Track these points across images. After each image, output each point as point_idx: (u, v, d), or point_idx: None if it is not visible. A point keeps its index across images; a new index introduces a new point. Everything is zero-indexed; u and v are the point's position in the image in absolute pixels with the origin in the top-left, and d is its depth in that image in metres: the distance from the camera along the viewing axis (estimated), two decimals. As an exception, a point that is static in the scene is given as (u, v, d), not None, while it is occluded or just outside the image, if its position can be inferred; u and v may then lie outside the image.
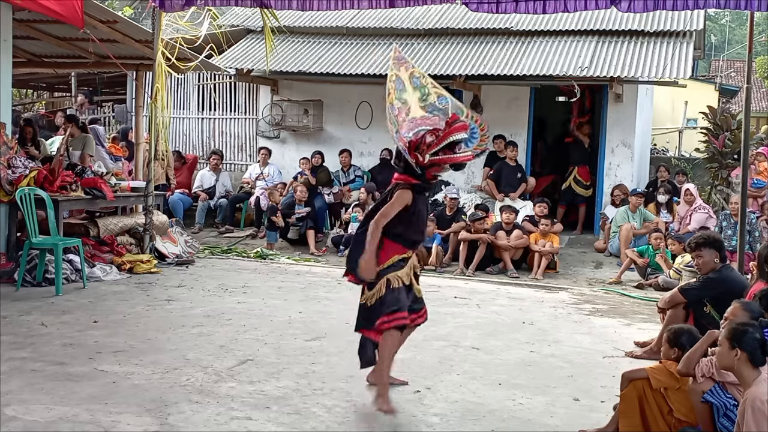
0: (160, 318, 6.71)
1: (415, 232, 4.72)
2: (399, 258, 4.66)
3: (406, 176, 4.65)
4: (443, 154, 4.58)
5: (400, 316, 4.60)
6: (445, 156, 4.59)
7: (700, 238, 5.88)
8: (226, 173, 13.52)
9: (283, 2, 7.02)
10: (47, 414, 4.31)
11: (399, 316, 4.59)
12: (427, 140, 4.54)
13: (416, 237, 4.75)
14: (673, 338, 4.33)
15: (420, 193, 4.70)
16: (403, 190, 4.62)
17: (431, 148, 4.54)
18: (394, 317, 4.58)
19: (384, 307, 4.58)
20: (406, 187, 4.63)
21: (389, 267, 4.62)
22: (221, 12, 14.11)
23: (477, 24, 12.28)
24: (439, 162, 4.59)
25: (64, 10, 7.51)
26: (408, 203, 4.60)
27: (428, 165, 4.56)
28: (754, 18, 7.34)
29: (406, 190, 4.62)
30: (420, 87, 4.83)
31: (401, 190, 4.63)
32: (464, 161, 4.76)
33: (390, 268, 4.62)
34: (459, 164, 4.74)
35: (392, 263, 4.64)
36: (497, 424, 4.48)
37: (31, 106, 19.36)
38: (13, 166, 8.33)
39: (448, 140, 4.55)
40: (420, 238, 4.83)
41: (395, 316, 4.58)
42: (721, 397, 3.92)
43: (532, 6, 6.45)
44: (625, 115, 11.97)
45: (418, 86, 4.83)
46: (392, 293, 4.59)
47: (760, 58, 30.88)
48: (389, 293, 4.59)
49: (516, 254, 10.20)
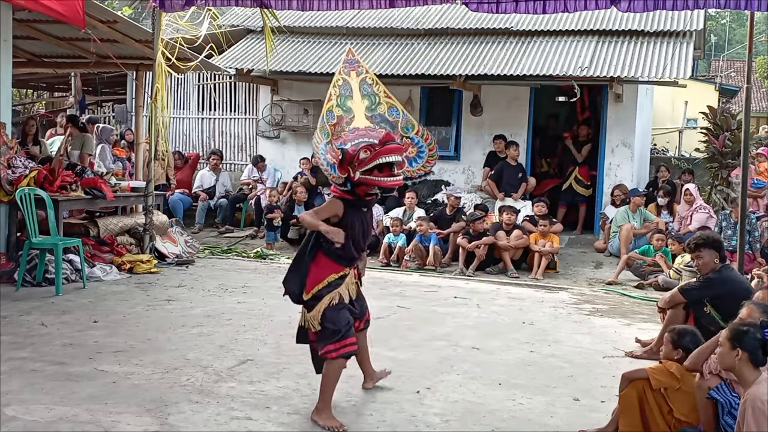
0: (160, 318, 6.71)
1: (351, 249, 4.43)
2: (336, 277, 4.43)
3: (340, 192, 4.43)
4: (374, 174, 4.27)
5: (346, 343, 4.34)
6: (373, 177, 4.28)
7: (700, 238, 5.87)
8: (226, 173, 13.53)
9: (283, 2, 7.01)
10: (47, 414, 4.31)
11: (345, 343, 4.34)
12: (360, 156, 4.25)
13: (351, 254, 4.47)
14: (677, 339, 4.33)
15: (355, 208, 4.44)
16: (335, 199, 4.44)
17: (362, 165, 4.25)
18: (340, 345, 4.33)
19: (328, 334, 4.34)
20: (338, 198, 4.43)
21: (325, 288, 4.39)
22: (221, 12, 14.11)
23: (477, 24, 12.28)
24: (367, 182, 4.30)
25: (65, 10, 7.51)
26: (338, 214, 4.38)
27: (358, 183, 4.30)
28: (754, 18, 7.34)
29: (337, 201, 4.41)
30: (370, 95, 4.59)
31: (333, 198, 4.46)
32: (391, 186, 4.43)
33: (325, 289, 4.39)
34: (388, 188, 4.44)
35: (329, 282, 4.40)
36: (497, 424, 4.48)
37: (31, 106, 19.37)
38: (13, 166, 8.34)
39: (376, 162, 4.23)
40: (356, 254, 4.52)
41: (343, 343, 4.33)
42: (727, 394, 3.92)
43: (532, 6, 6.44)
44: (625, 115, 11.97)
45: (368, 94, 4.59)
46: (335, 313, 4.35)
47: (760, 58, 30.92)
48: (331, 314, 4.34)
49: (516, 254, 10.20)
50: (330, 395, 4.42)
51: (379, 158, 4.25)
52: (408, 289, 8.58)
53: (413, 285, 8.93)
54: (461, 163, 12.70)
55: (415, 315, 7.28)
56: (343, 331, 4.35)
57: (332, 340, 4.34)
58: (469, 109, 12.59)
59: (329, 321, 4.35)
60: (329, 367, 4.39)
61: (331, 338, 4.34)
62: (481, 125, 12.57)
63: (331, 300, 4.39)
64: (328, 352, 4.35)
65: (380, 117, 4.56)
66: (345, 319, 4.39)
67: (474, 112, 12.58)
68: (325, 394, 4.40)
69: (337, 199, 4.44)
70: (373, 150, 4.28)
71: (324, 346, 4.37)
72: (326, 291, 4.40)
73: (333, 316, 4.36)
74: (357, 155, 4.28)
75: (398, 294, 8.28)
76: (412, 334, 6.51)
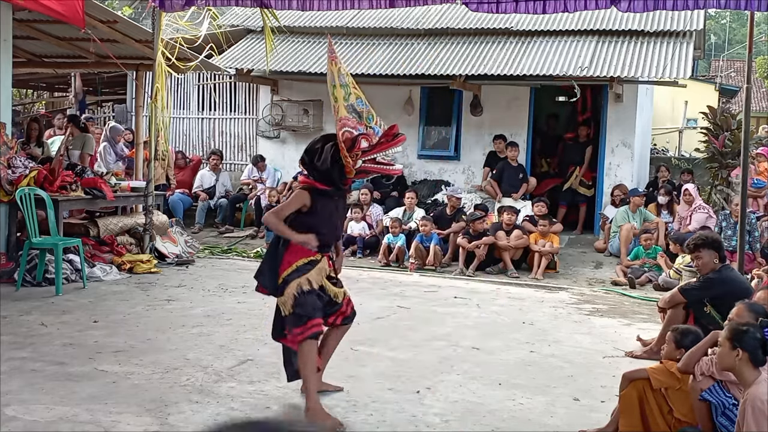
0: (160, 318, 6.71)
1: (322, 236, 4.52)
2: (305, 261, 4.49)
3: (311, 181, 4.54)
4: (374, 163, 4.51)
5: (313, 323, 4.44)
6: (376, 165, 4.52)
7: (699, 239, 5.88)
8: (226, 173, 13.52)
9: (283, 2, 7.03)
10: (47, 414, 4.31)
11: (311, 324, 4.44)
12: (362, 145, 4.42)
13: (324, 240, 4.55)
14: (680, 339, 4.33)
15: (326, 197, 4.54)
16: (301, 190, 4.53)
17: (366, 154, 4.43)
18: (306, 327, 4.42)
19: (294, 319, 4.43)
20: (305, 188, 4.53)
21: (294, 272, 4.46)
22: (221, 12, 14.11)
23: (477, 24, 12.27)
24: (370, 170, 4.58)
25: (65, 10, 7.52)
26: (306, 204, 4.47)
27: (357, 171, 4.49)
28: (754, 18, 7.34)
29: (303, 192, 4.51)
30: (345, 85, 4.70)
31: (299, 190, 4.55)
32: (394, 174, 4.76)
33: (295, 273, 4.46)
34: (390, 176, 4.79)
35: (297, 267, 4.47)
36: (497, 424, 4.48)
37: (31, 106, 19.36)
38: (13, 166, 8.34)
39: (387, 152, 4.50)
40: (328, 241, 4.63)
41: (307, 325, 4.42)
42: (720, 395, 3.93)
43: (532, 6, 6.46)
44: (625, 115, 11.97)
45: (343, 84, 4.71)
46: (303, 297, 4.43)
47: (760, 58, 30.90)
48: (300, 297, 4.42)
49: (516, 254, 10.20)
50: (314, 386, 4.47)
51: (390, 149, 4.48)
52: (408, 289, 8.58)
53: (413, 285, 8.93)
54: (461, 163, 12.70)
55: (415, 315, 7.28)
56: (310, 313, 4.44)
57: (299, 323, 4.44)
58: (469, 109, 12.59)
59: (298, 305, 4.44)
60: (301, 355, 4.47)
61: (298, 322, 4.44)
62: (481, 125, 12.57)
63: (300, 285, 4.45)
64: (296, 335, 4.44)
65: (351, 107, 4.65)
66: (312, 303, 4.47)
67: (474, 112, 12.58)
68: (309, 390, 4.44)
69: (304, 189, 4.53)
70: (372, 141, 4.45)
71: (292, 329, 4.46)
72: (295, 275, 4.47)
73: (301, 300, 4.44)
74: (358, 144, 4.40)
75: (398, 294, 8.29)
76: (412, 334, 6.51)
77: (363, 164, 4.45)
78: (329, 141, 4.55)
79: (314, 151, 4.55)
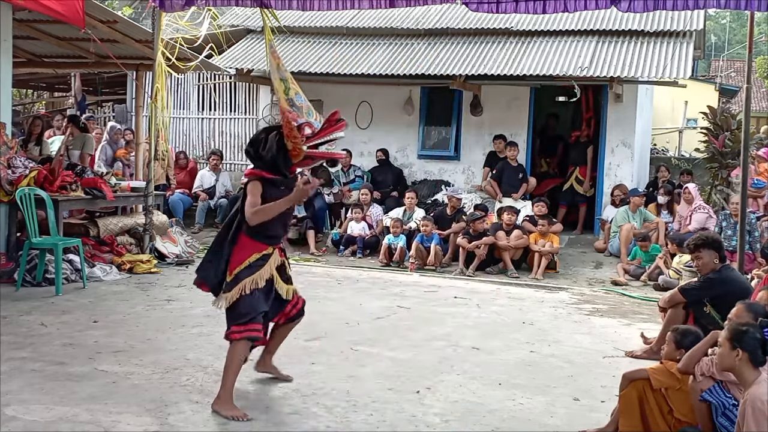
0: (160, 318, 6.71)
1: (274, 227, 4.55)
2: (258, 256, 4.51)
3: (258, 171, 4.55)
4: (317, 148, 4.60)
5: (252, 327, 4.46)
6: (321, 151, 4.64)
7: (699, 239, 5.87)
8: (226, 173, 13.52)
9: (283, 2, 7.01)
10: (47, 414, 4.31)
11: (251, 327, 4.45)
12: (306, 132, 4.50)
13: (275, 232, 4.60)
14: (680, 339, 4.32)
15: (274, 186, 4.53)
16: (253, 182, 4.50)
17: (310, 140, 4.51)
18: (246, 328, 4.44)
19: (236, 315, 4.44)
20: (255, 179, 4.51)
21: (246, 269, 4.48)
22: (221, 12, 14.11)
23: (477, 24, 12.27)
24: (315, 156, 4.65)
25: (65, 10, 7.52)
26: (261, 194, 4.48)
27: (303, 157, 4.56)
28: (754, 18, 7.34)
29: (255, 182, 4.50)
30: (284, 80, 4.74)
31: (252, 182, 4.51)
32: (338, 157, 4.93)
33: (246, 270, 4.47)
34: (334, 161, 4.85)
35: (250, 263, 4.48)
36: (497, 424, 4.48)
37: (31, 106, 19.37)
38: (13, 166, 8.34)
39: (330, 136, 4.60)
40: (280, 233, 4.69)
41: (247, 327, 4.44)
42: (720, 396, 3.92)
43: (532, 6, 6.44)
44: (625, 115, 11.97)
45: (283, 78, 4.74)
46: (246, 299, 4.44)
47: (760, 58, 30.89)
48: (242, 299, 4.43)
49: (516, 254, 10.20)
50: (232, 382, 4.48)
51: (333, 133, 4.59)
52: (408, 289, 8.58)
53: (413, 285, 8.93)
54: (461, 163, 12.70)
55: (415, 315, 7.28)
56: (252, 315, 4.45)
57: (239, 321, 4.45)
58: (469, 109, 12.59)
59: (242, 304, 4.45)
60: (231, 350, 4.47)
61: (238, 320, 4.45)
62: (481, 125, 12.57)
63: (251, 283, 4.46)
64: (232, 332, 4.46)
65: (290, 101, 4.69)
66: (257, 306, 4.48)
67: (474, 112, 12.58)
68: (226, 381, 4.45)
69: (255, 179, 4.53)
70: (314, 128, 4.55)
71: (230, 326, 4.48)
72: (247, 273, 4.48)
73: (247, 300, 4.46)
74: (302, 131, 4.48)
75: (398, 294, 8.29)
76: (412, 334, 6.51)
77: (308, 150, 4.51)
78: (272, 131, 4.61)
79: (259, 141, 4.59)
